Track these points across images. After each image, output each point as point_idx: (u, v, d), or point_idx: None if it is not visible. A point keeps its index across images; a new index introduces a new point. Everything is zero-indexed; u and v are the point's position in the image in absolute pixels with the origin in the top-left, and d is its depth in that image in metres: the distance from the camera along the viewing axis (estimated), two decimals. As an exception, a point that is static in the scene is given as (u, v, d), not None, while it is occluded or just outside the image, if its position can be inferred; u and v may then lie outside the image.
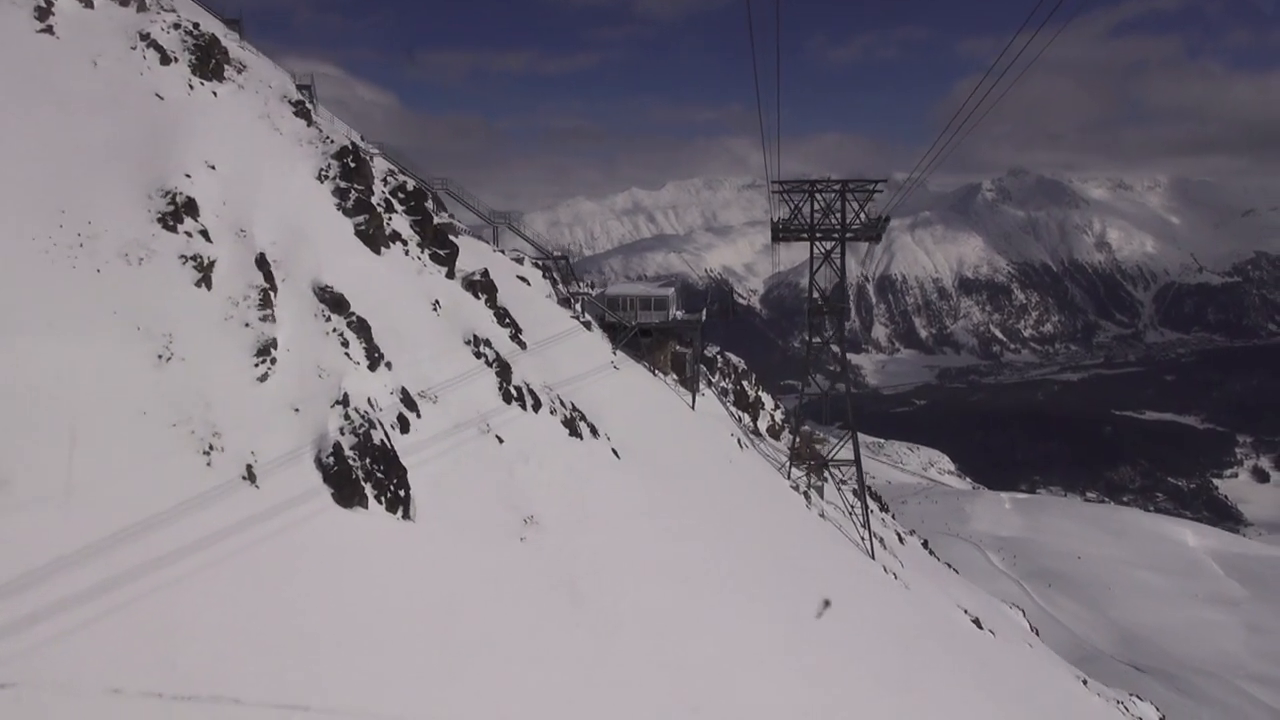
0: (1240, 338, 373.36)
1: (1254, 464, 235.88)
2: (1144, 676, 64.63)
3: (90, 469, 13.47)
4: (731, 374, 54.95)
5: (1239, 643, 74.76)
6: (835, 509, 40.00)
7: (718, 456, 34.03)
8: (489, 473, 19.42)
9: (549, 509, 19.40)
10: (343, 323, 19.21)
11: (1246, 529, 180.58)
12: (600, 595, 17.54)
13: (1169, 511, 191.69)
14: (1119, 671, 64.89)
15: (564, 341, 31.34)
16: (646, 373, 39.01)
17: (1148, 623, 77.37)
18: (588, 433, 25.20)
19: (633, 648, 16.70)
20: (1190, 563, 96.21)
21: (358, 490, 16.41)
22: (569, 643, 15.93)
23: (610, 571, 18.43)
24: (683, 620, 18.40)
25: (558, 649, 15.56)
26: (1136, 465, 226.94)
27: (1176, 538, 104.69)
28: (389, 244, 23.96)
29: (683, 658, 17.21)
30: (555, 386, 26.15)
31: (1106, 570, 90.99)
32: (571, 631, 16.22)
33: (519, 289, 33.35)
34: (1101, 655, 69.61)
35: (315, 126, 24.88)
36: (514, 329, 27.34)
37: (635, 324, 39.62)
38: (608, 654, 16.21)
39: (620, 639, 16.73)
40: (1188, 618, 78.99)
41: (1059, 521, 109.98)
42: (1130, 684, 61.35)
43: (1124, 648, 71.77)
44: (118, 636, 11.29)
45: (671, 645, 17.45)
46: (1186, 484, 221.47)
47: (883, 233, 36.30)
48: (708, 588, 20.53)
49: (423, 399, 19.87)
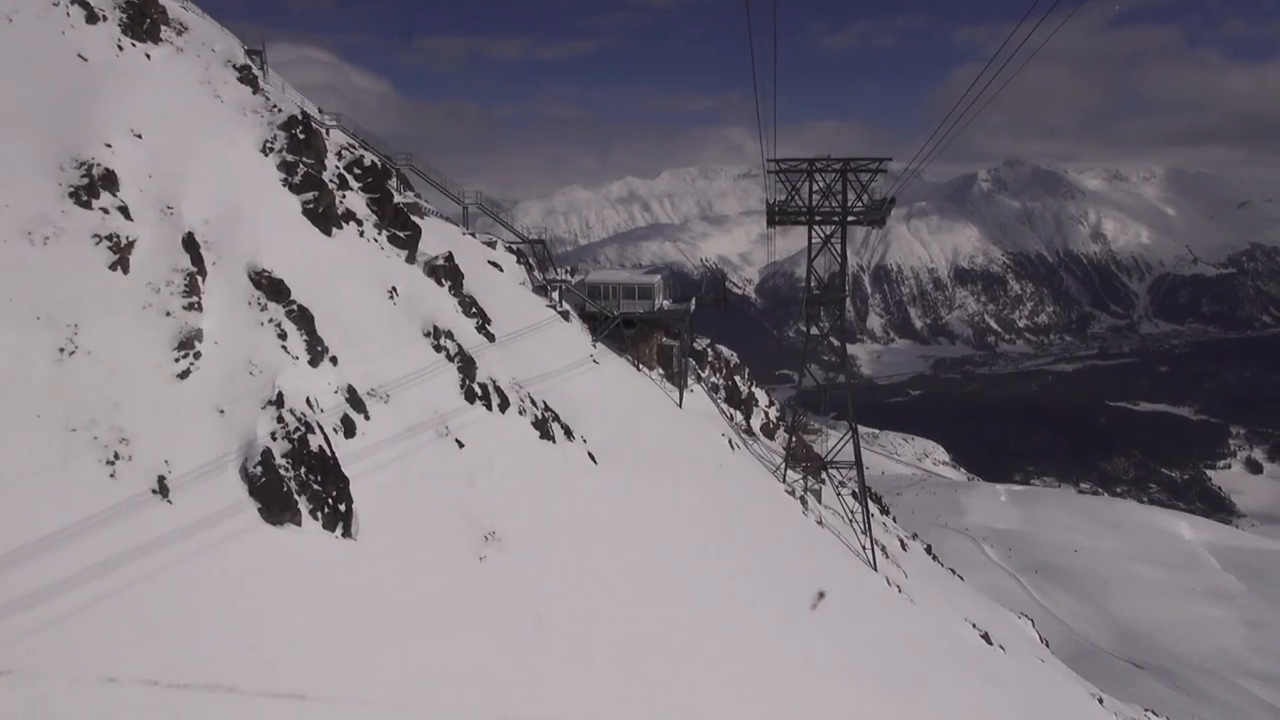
0: (1234, 329, 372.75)
1: (1247, 455, 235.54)
2: (1142, 674, 63.46)
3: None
4: (723, 368, 50.75)
5: (1237, 638, 73.67)
6: (834, 514, 37.53)
7: (707, 459, 31.69)
8: (446, 482, 17.35)
9: (514, 523, 17.32)
10: (281, 312, 17.03)
11: (1239, 520, 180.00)
12: (569, 622, 15.47)
13: (1162, 502, 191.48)
14: (1117, 669, 63.70)
15: (538, 333, 28.98)
16: (630, 367, 36.61)
17: (1145, 618, 76.26)
18: (561, 435, 22.99)
19: (604, 682, 14.66)
20: (1187, 556, 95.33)
21: (289, 504, 14.30)
22: (530, 679, 13.87)
23: (582, 594, 16.36)
24: (664, 649, 16.33)
25: (517, 687, 13.50)
26: (1130, 456, 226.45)
27: (1172, 530, 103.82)
28: (341, 224, 21.78)
29: (663, 693, 15.18)
30: (526, 383, 23.97)
31: (1103, 563, 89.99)
32: (534, 666, 14.14)
33: (489, 275, 30.97)
34: (1099, 651, 68.45)
35: (262, 94, 22.53)
36: (481, 319, 25.20)
37: (617, 314, 36.80)
38: (576, 690, 14.18)
39: (591, 673, 14.69)
40: (1185, 612, 77.92)
41: (1055, 514, 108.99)
42: (1129, 681, 60.14)
43: (1122, 643, 70.59)
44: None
45: (650, 679, 15.40)
46: (1180, 475, 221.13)
47: (886, 216, 33.36)
48: (693, 610, 18.44)
49: (372, 398, 17.76)
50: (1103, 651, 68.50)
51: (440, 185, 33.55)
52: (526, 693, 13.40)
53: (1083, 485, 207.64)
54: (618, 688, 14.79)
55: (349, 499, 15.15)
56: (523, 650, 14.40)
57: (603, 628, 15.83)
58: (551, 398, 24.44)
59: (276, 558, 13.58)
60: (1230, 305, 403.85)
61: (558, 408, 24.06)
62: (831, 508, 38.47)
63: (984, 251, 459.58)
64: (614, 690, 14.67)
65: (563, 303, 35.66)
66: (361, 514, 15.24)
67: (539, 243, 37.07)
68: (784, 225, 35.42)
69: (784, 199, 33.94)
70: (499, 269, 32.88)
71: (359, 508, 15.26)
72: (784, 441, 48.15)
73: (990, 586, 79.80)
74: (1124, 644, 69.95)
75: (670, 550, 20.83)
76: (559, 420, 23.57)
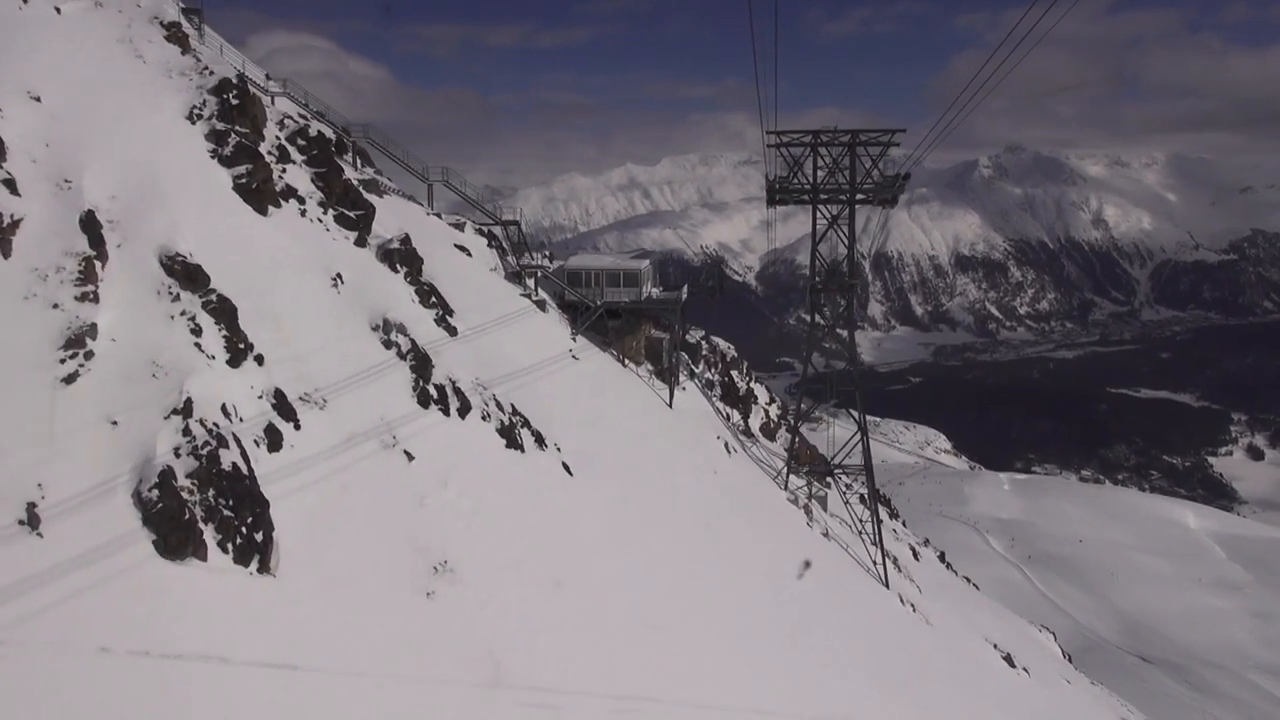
0: (1236, 315, 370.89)
1: (1249, 442, 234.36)
2: (1151, 668, 61.98)
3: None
4: (719, 362, 46.36)
5: (1246, 631, 72.14)
6: (840, 523, 34.47)
7: (701, 466, 28.56)
8: (390, 503, 14.86)
9: (470, 550, 14.83)
10: (197, 303, 14.51)
11: (1241, 507, 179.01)
12: (533, 669, 13.07)
13: (1163, 489, 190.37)
14: (1126, 664, 62.20)
15: (509, 326, 26.22)
16: (614, 363, 33.66)
17: (1152, 610, 74.74)
18: (531, 443, 20.40)
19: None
20: (1192, 546, 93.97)
21: (192, 535, 11.87)
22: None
23: (549, 636, 13.94)
24: (649, 698, 13.93)
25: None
26: (1131, 443, 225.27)
27: (1178, 519, 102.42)
28: (279, 202, 19.32)
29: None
30: (492, 383, 21.33)
31: (1108, 554, 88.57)
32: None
33: (455, 261, 28.22)
34: (1106, 645, 66.95)
35: (193, 55, 19.89)
36: (442, 310, 22.60)
37: (600, 304, 33.47)
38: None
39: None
40: (1192, 604, 76.38)
41: (1059, 503, 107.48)
42: (1137, 677, 58.58)
43: (1129, 637, 69.08)
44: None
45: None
46: (1181, 462, 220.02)
47: (900, 194, 30.18)
48: (685, 647, 15.97)
49: (305, 404, 15.30)
50: (1109, 645, 66.98)
51: (401, 160, 30.64)
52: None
53: (1084, 472, 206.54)
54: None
55: (268, 526, 12.71)
56: (474, 707, 11.99)
57: (573, 677, 13.41)
58: (522, 399, 21.88)
59: (172, 602, 11.16)
60: (1232, 291, 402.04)
61: (529, 411, 21.55)
62: (838, 515, 35.38)
63: (985, 238, 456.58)
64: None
65: (538, 291, 32.78)
66: (284, 544, 12.79)
67: (513, 224, 33.66)
68: (785, 205, 32.11)
69: (785, 176, 30.75)
70: (466, 253, 30.04)
71: (281, 537, 12.81)
72: (785, 442, 45.21)
73: (995, 579, 78.04)
74: (1131, 637, 68.42)
75: (656, 580, 18.23)
76: (529, 426, 20.99)
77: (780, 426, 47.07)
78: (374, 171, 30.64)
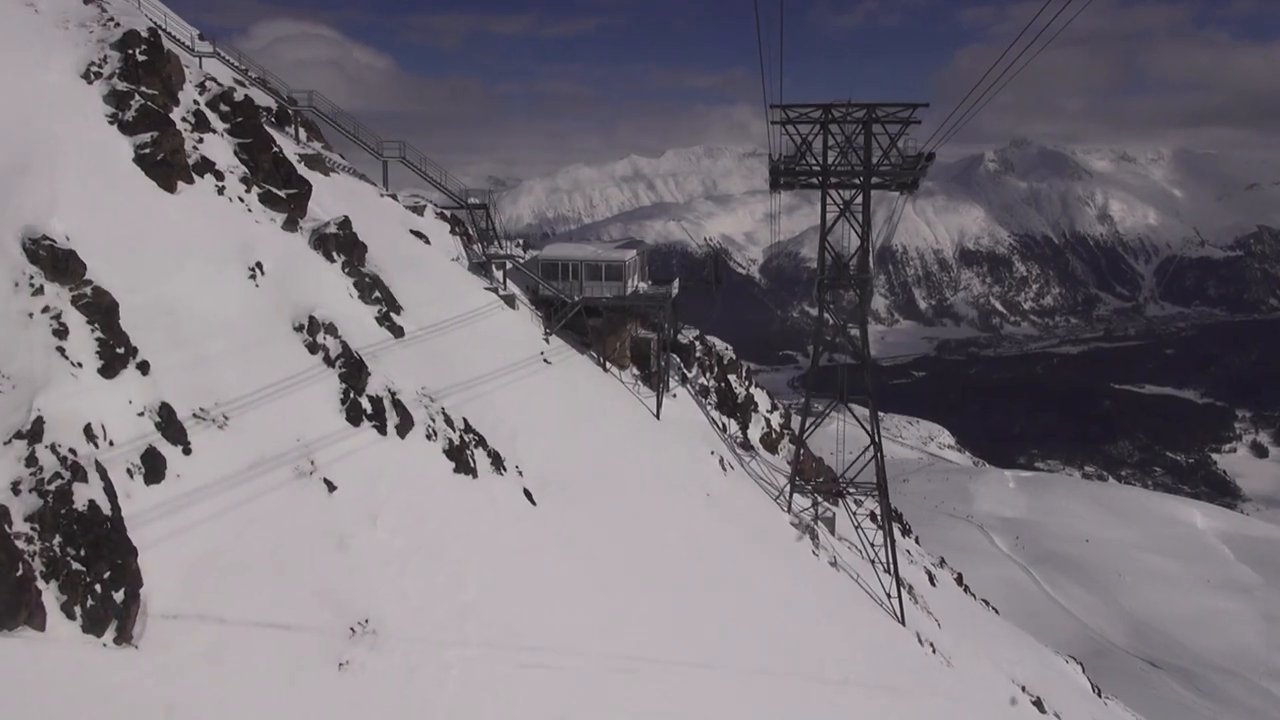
0: (1241, 312, 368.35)
1: (1253, 439, 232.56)
2: (1160, 674, 60.13)
3: None
4: (714, 365, 41.78)
5: (1256, 634, 70.48)
6: (849, 547, 31.40)
7: (691, 488, 25.33)
8: (301, 546, 12.19)
9: (401, 603, 12.15)
10: (65, 297, 11.75)
11: (1244, 504, 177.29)
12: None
13: (1167, 486, 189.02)
14: (1134, 669, 60.30)
15: (470, 325, 23.09)
16: (593, 367, 30.32)
17: (1160, 612, 73.01)
18: (486, 466, 17.53)
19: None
20: (1200, 546, 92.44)
21: (26, 597, 9.20)
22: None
23: (499, 710, 11.26)
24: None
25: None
26: (1135, 439, 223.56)
27: (1185, 519, 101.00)
28: (191, 176, 16.60)
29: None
30: (443, 394, 18.46)
31: (1115, 554, 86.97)
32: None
33: (409, 249, 25.09)
34: (1114, 649, 65.14)
35: (98, 4, 17.03)
36: (386, 306, 19.74)
37: (579, 299, 29.97)
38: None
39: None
40: (1201, 607, 74.62)
41: (1064, 502, 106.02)
42: (1147, 683, 56.59)
43: (1137, 640, 67.26)
44: None
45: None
46: (1185, 458, 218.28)
47: (922, 176, 26.90)
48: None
49: (201, 422, 12.61)
50: (1118, 649, 65.05)
51: (349, 132, 27.36)
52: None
53: (1087, 468, 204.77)
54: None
55: (133, 582, 10.01)
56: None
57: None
58: (479, 413, 19.01)
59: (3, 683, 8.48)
60: (1237, 288, 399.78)
61: (486, 426, 18.69)
62: (847, 539, 32.17)
63: (990, 232, 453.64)
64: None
65: (507, 284, 29.41)
66: (154, 605, 10.08)
67: (480, 207, 29.74)
68: (791, 189, 28.64)
69: (792, 156, 27.21)
70: (424, 240, 26.82)
71: (151, 595, 10.11)
72: (788, 454, 41.23)
73: (1000, 579, 75.98)
74: (1139, 641, 66.46)
75: (634, 634, 15.22)
76: (485, 444, 18.04)
77: (783, 437, 43.04)
78: (322, 146, 27.72)
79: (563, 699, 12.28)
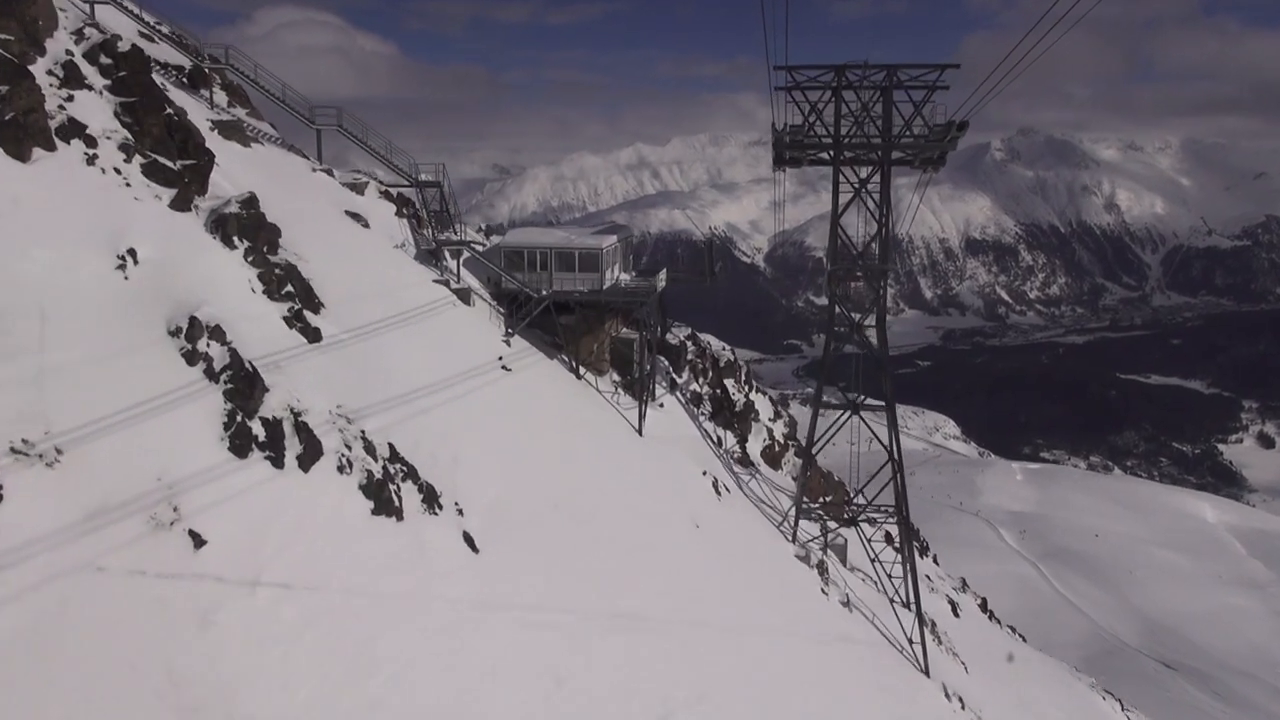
0: (1248, 302, 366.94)
1: (1259, 429, 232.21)
2: (1175, 676, 59.98)
3: None
4: (709, 369, 36.20)
5: (1270, 633, 70.65)
6: (863, 579, 27.97)
7: (677, 519, 21.37)
8: (147, 626, 9.54)
9: (281, 702, 9.73)
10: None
11: (1250, 495, 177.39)
12: None
13: (1173, 476, 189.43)
14: (1148, 670, 60.27)
15: (411, 325, 19.27)
16: (565, 374, 26.40)
17: (1172, 609, 73.06)
18: (416, 505, 14.14)
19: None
20: (1211, 540, 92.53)
21: None
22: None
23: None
24: None
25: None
26: (1141, 430, 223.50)
27: (1195, 512, 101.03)
28: (54, 142, 14.25)
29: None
30: (367, 412, 14.98)
31: (1125, 549, 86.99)
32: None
33: (342, 233, 21.26)
34: (1126, 649, 65.16)
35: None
36: (301, 303, 16.23)
37: (546, 294, 25.94)
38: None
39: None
40: (1214, 604, 74.72)
41: (1073, 495, 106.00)
42: (1161, 685, 56.64)
43: (1150, 640, 67.26)
44: None
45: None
46: (1191, 449, 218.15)
47: (952, 149, 23.16)
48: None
49: (23, 458, 9.93)
50: (1130, 649, 65.21)
51: (274, 94, 23.50)
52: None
53: (1092, 458, 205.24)
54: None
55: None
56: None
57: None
58: (413, 435, 15.38)
59: None
60: (1244, 278, 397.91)
61: (423, 452, 15.13)
62: (860, 569, 29.02)
63: (996, 221, 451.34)
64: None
65: (461, 276, 25.48)
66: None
67: (433, 184, 25.50)
68: (797, 165, 24.89)
69: (799, 126, 23.48)
70: (362, 223, 22.97)
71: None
72: (793, 469, 36.92)
73: (1009, 575, 76.43)
74: (1152, 639, 66.65)
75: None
76: (416, 477, 14.46)
77: (787, 449, 38.28)
78: (247, 113, 24.29)
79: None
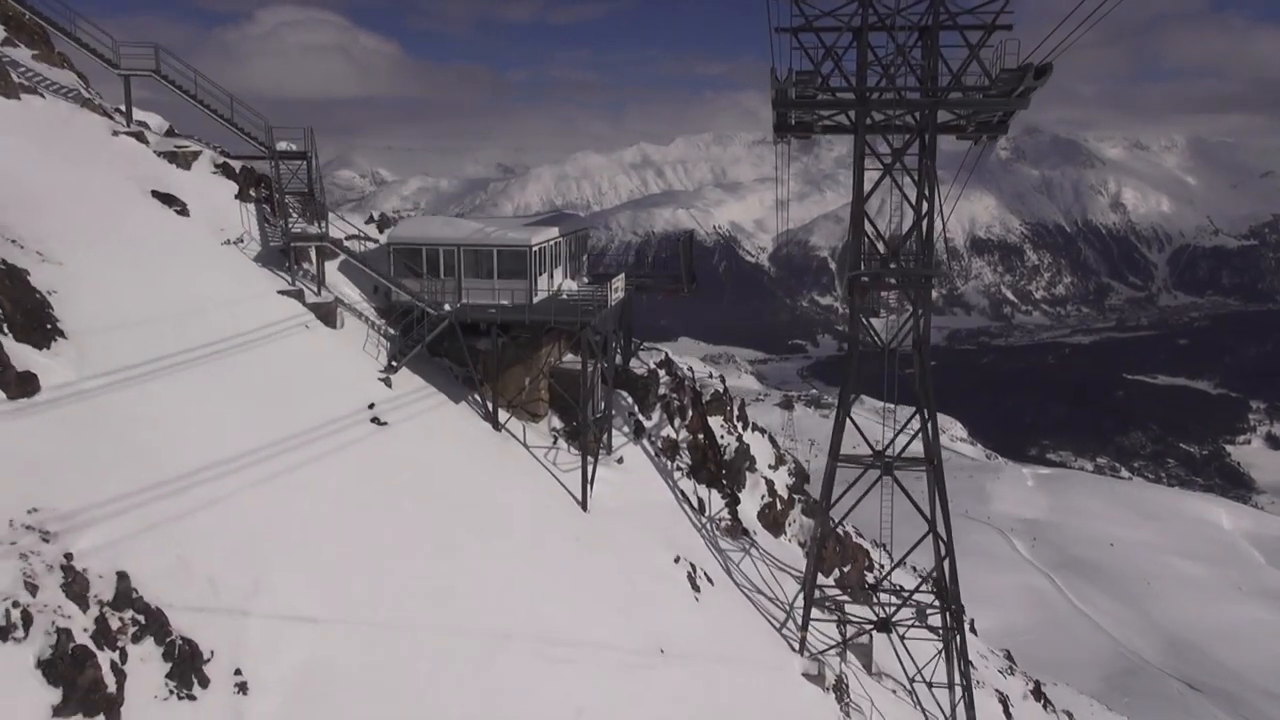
0: (1255, 302, 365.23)
1: (1267, 430, 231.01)
2: (1200, 698, 57.78)
3: None
4: (686, 406, 26.75)
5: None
6: (895, 698, 21.54)
7: (632, 648, 14.84)
8: None
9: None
10: None
11: (1258, 496, 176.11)
12: None
13: (1180, 478, 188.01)
14: (1171, 691, 58.11)
15: (215, 363, 13.53)
16: (477, 424, 19.15)
17: (1193, 623, 70.95)
18: (159, 680, 8.61)
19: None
20: (1229, 549, 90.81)
21: None
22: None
23: None
24: None
25: None
26: (1148, 430, 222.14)
27: (1211, 519, 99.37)
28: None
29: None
30: (82, 519, 9.30)
31: (1142, 559, 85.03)
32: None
33: (137, 222, 15.74)
34: (1148, 668, 62.91)
35: None
36: (16, 334, 11.18)
37: (450, 310, 19.03)
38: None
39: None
40: (1236, 617, 72.66)
41: (1086, 501, 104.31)
42: (1185, 708, 54.51)
43: (1172, 657, 65.11)
44: None
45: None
46: (1198, 450, 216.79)
47: (1023, 107, 16.62)
48: None
49: None
50: (1151, 667, 62.96)
51: (65, 28, 18.25)
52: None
53: (1099, 460, 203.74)
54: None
55: None
56: None
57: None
58: (173, 553, 9.83)
59: None
60: (1251, 277, 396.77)
61: (187, 583, 9.61)
62: (890, 675, 22.16)
63: (1001, 221, 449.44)
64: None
65: (324, 287, 18.55)
66: None
67: (297, 156, 19.25)
68: (806, 133, 18.22)
69: (807, 72, 16.86)
70: (177, 209, 16.98)
71: None
72: (800, 531, 28.02)
73: (1023, 587, 74.52)
74: (1173, 657, 64.46)
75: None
76: (166, 626, 8.93)
77: (793, 505, 28.79)
78: (35, 55, 18.77)
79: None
